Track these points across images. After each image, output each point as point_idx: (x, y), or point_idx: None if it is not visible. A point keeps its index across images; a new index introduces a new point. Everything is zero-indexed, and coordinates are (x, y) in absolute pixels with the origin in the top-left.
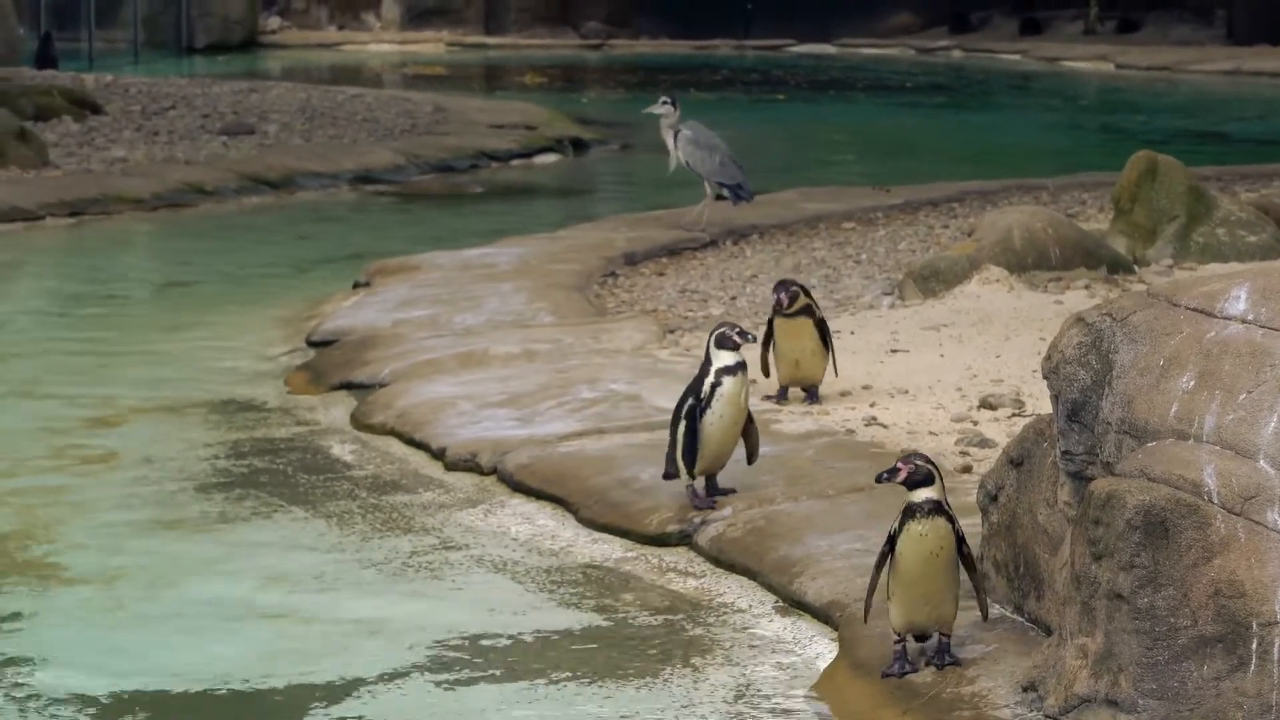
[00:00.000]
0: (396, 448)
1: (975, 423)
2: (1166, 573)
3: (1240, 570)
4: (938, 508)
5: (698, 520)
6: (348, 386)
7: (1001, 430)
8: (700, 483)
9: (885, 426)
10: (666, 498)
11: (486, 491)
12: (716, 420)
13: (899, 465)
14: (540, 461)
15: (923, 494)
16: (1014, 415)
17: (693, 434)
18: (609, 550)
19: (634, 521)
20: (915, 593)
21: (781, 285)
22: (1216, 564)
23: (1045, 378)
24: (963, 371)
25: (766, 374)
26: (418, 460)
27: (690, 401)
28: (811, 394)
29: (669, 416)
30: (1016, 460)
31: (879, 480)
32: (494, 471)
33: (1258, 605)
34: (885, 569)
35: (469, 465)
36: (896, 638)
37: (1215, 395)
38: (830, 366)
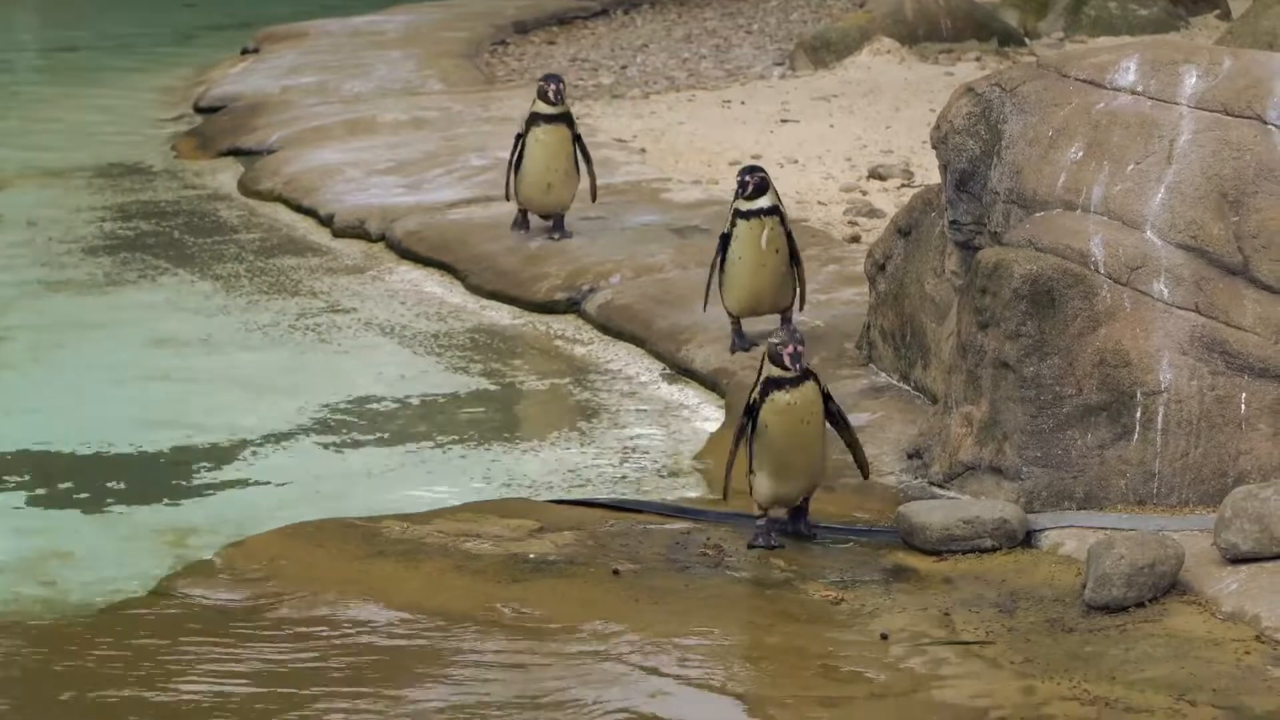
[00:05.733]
0: (284, 214)
1: (864, 193)
2: (1052, 342)
3: (1125, 339)
4: (804, 374)
5: (586, 287)
6: (235, 153)
7: (890, 200)
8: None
9: None
10: (555, 266)
11: (374, 258)
12: (735, 261)
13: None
14: (428, 228)
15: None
16: (903, 185)
17: (718, 266)
18: (496, 316)
19: (522, 289)
20: (788, 466)
21: (550, 77)
22: (1102, 333)
23: (934, 148)
24: (852, 142)
25: (509, 197)
26: (305, 226)
27: (723, 232)
28: (558, 224)
29: None
30: (904, 230)
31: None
32: (382, 238)
33: (1142, 374)
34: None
35: (357, 232)
36: (760, 513)
37: (1104, 166)
38: (590, 187)
